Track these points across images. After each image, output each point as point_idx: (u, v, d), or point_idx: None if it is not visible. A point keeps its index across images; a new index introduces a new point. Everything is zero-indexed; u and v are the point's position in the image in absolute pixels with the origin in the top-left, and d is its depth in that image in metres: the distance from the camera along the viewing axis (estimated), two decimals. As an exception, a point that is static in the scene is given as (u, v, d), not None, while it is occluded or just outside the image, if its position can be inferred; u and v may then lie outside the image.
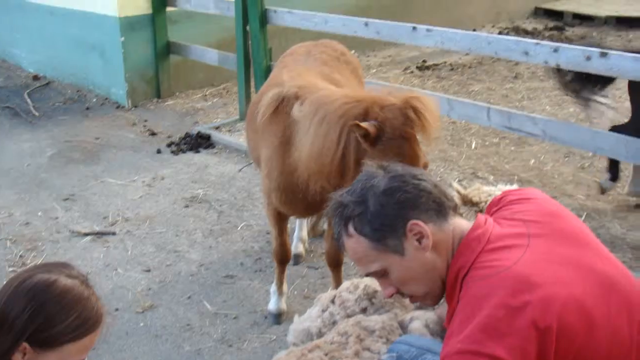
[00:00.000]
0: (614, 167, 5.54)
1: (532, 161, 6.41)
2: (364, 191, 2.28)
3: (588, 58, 4.80)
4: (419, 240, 2.23)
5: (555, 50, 4.97)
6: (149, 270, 4.86)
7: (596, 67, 4.82)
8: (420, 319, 3.20)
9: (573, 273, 2.13)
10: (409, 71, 9.66)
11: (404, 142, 3.10)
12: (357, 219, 2.27)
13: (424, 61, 10.15)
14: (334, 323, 3.36)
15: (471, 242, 2.23)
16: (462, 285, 2.19)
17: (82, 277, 2.28)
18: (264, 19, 7.20)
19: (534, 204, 2.38)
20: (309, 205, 3.76)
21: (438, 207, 2.27)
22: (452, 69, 9.65)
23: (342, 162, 3.25)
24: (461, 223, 2.32)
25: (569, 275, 2.12)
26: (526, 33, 12.35)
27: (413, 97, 3.13)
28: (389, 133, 3.08)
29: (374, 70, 9.83)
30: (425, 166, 3.23)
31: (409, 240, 2.23)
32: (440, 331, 3.26)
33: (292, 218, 4.45)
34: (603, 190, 5.65)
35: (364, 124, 3.05)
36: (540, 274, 2.08)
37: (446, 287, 2.30)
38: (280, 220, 4.09)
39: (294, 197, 3.73)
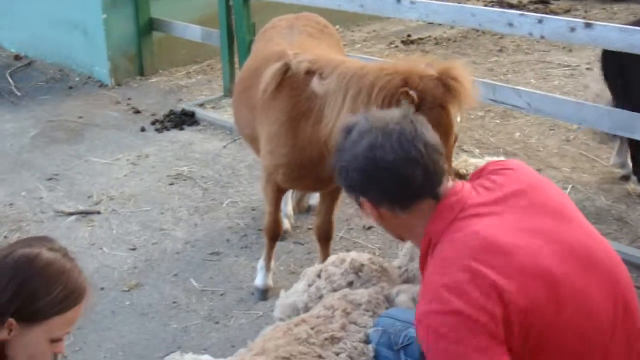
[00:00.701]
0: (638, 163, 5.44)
1: (518, 134, 6.41)
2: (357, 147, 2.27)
3: (572, 29, 4.77)
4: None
5: (540, 21, 4.94)
6: (134, 249, 4.84)
7: (581, 38, 4.80)
8: (407, 293, 3.20)
9: (545, 244, 2.13)
10: (393, 46, 9.60)
11: (442, 112, 3.04)
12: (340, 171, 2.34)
13: (409, 36, 10.10)
14: (321, 297, 3.35)
15: (444, 211, 2.23)
16: (433, 252, 2.22)
17: (63, 250, 2.27)
18: (247, -6, 7.14)
19: (516, 175, 2.37)
20: (319, 179, 3.69)
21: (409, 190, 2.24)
22: (437, 44, 9.61)
23: None
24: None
25: (538, 245, 2.12)
26: (511, 7, 12.29)
27: (451, 66, 3.10)
28: (430, 103, 3.01)
29: (359, 45, 9.77)
30: (456, 138, 3.22)
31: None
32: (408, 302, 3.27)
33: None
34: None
35: (412, 93, 2.99)
36: (507, 241, 2.09)
37: (420, 252, 2.33)
38: (279, 197, 4.06)
39: (305, 172, 3.69)
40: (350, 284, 3.35)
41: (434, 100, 3.03)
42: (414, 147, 2.18)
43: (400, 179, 2.20)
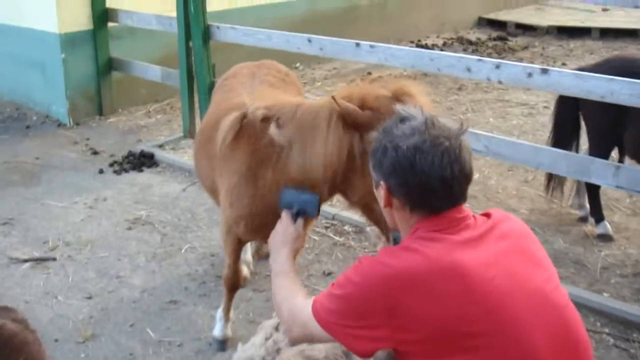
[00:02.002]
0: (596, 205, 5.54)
1: (477, 175, 6.44)
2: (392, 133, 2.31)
3: (529, 75, 4.84)
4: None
5: (497, 66, 5.00)
6: (90, 297, 4.75)
7: (537, 83, 4.87)
8: (364, 346, 3.17)
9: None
10: (354, 84, 9.66)
11: None
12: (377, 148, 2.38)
13: (369, 73, 10.19)
14: (278, 351, 3.31)
15: (438, 220, 2.27)
16: (412, 234, 2.31)
17: (25, 321, 2.21)
18: (206, 35, 7.14)
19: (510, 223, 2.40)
20: None
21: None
22: (397, 81, 9.67)
23: (351, 158, 3.16)
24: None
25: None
26: (470, 43, 12.50)
27: (404, 84, 3.11)
28: (387, 119, 3.01)
29: (319, 83, 9.83)
30: None
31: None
32: (386, 357, 3.24)
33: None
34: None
35: (339, 100, 3.00)
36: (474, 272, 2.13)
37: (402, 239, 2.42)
38: (239, 249, 4.01)
39: (266, 222, 3.60)
40: (310, 338, 3.32)
41: (390, 116, 3.02)
42: (450, 168, 2.21)
43: (425, 189, 2.24)
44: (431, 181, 2.22)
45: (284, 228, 2.94)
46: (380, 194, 2.38)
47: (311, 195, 3.07)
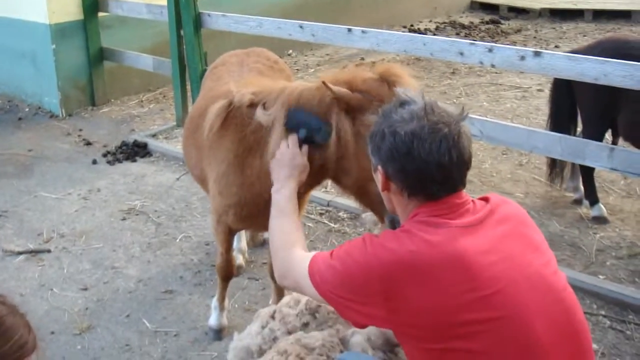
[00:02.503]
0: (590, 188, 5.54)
1: (471, 159, 6.42)
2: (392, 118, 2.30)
3: (522, 58, 4.83)
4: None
5: (490, 50, 4.99)
6: (85, 289, 4.74)
7: (530, 66, 4.86)
8: (361, 333, 3.16)
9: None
10: (341, 68, 9.62)
11: None
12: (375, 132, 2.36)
13: (362, 58, 10.16)
14: (274, 339, 3.30)
15: (437, 205, 2.25)
16: (412, 219, 2.30)
17: (14, 307, 2.20)
18: (197, 23, 7.09)
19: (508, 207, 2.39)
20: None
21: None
22: (390, 67, 9.64)
23: (343, 142, 3.11)
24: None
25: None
26: (463, 27, 12.46)
27: (390, 66, 3.08)
28: (377, 103, 2.98)
29: (312, 70, 9.79)
30: None
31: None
32: (382, 344, 3.23)
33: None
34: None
35: (329, 85, 2.95)
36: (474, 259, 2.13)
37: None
38: (230, 238, 3.99)
39: (256, 210, 3.57)
40: (306, 325, 3.30)
41: (379, 97, 2.99)
42: (448, 155, 2.19)
43: (422, 175, 2.22)
44: (429, 168, 2.20)
45: (292, 156, 2.90)
46: (378, 178, 2.37)
47: (322, 123, 3.01)
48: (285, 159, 2.92)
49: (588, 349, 2.24)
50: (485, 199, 2.36)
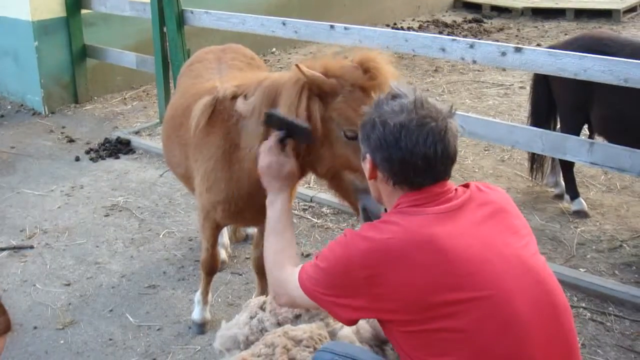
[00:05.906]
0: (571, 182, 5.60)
1: (454, 155, 6.46)
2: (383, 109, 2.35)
3: (503, 54, 4.86)
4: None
5: (471, 46, 5.02)
6: (68, 284, 4.73)
7: (511, 62, 4.89)
8: (350, 327, 3.18)
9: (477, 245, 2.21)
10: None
11: (362, 95, 2.98)
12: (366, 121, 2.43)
13: (346, 57, 10.14)
14: (262, 330, 3.32)
15: (419, 194, 2.32)
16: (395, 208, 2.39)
17: None
18: (181, 20, 7.09)
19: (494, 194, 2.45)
20: (258, 212, 3.35)
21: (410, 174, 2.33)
22: (373, 64, 9.67)
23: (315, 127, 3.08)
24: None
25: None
26: (446, 26, 12.52)
27: (368, 53, 3.07)
28: (350, 86, 2.96)
29: (296, 68, 9.79)
30: None
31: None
32: (370, 339, 3.26)
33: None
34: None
35: (301, 66, 2.93)
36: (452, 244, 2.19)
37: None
38: (216, 233, 3.99)
39: (244, 206, 3.58)
40: (297, 317, 3.33)
41: (354, 83, 3.00)
42: (434, 147, 2.26)
43: (408, 166, 2.29)
44: (414, 158, 2.27)
45: (281, 163, 2.89)
46: (366, 166, 2.44)
47: (304, 124, 2.95)
48: (274, 170, 2.91)
49: (570, 328, 2.28)
50: (466, 185, 2.41)
